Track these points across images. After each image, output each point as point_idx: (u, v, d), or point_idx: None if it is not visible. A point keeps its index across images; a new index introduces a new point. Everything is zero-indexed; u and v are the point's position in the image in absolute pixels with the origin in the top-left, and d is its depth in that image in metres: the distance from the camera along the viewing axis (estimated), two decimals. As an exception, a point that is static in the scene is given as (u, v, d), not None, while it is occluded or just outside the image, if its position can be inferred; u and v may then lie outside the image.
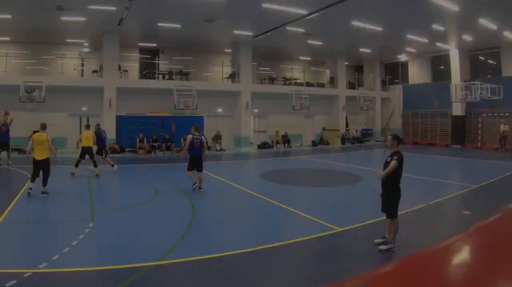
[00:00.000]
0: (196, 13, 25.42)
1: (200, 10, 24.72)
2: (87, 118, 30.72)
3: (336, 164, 26.46)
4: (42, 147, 14.40)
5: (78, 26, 28.46)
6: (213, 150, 32.56)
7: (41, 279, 7.43)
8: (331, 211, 13.54)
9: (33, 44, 32.39)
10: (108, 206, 13.78)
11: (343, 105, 39.98)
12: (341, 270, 8.08)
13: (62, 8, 23.91)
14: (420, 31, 30.45)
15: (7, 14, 25.15)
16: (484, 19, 25.87)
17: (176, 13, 25.62)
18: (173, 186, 17.34)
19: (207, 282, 7.68)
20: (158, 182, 18.21)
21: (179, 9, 24.49)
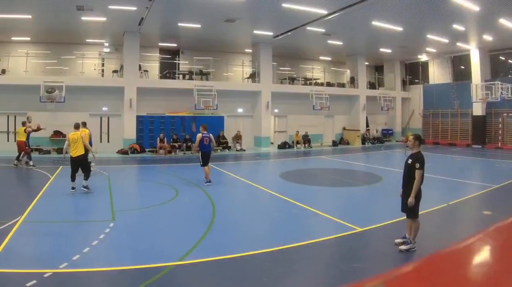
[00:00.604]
0: (216, 13, 25.24)
1: (220, 10, 24.55)
2: (108, 118, 30.82)
3: (357, 164, 26.09)
4: (77, 145, 15.23)
5: (98, 26, 28.42)
6: (233, 150, 32.45)
7: (61, 279, 7.38)
8: (351, 211, 13.32)
9: (53, 44, 32.41)
10: (129, 206, 13.57)
11: (364, 105, 39.57)
12: (362, 270, 8.00)
13: (83, 8, 23.81)
14: (440, 31, 29.94)
15: (27, 14, 25.09)
16: (504, 19, 25.39)
17: (196, 13, 25.38)
18: (194, 186, 17.11)
19: (227, 283, 7.57)
20: (178, 182, 18.12)
21: (199, 9, 24.26)
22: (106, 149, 30.23)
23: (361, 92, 39.77)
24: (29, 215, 11.63)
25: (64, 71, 31.80)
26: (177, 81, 32.59)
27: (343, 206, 14.35)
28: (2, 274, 7.45)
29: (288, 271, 8.00)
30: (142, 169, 23.71)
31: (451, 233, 10.70)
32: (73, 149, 15.18)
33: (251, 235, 10.65)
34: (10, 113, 29.95)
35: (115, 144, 30.71)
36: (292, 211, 12.90)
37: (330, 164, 25.91)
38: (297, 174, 21.45)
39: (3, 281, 7.23)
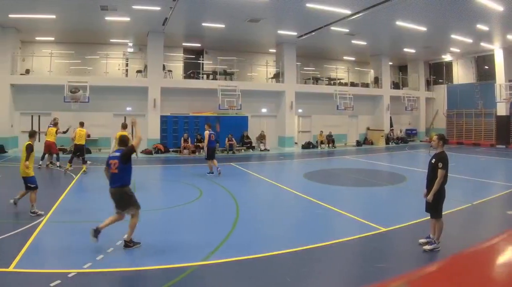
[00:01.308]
0: (240, 13, 25.14)
1: (244, 10, 24.45)
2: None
3: (381, 164, 25.82)
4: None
5: (122, 26, 28.39)
6: (257, 150, 32.20)
7: (85, 279, 7.38)
8: (375, 210, 13.19)
9: (77, 44, 32.48)
10: (153, 206, 13.36)
11: (388, 105, 39.12)
12: (385, 270, 7.94)
13: (107, 8, 23.75)
14: (464, 31, 29.55)
15: (51, 14, 25.08)
16: (529, 19, 25.07)
17: (220, 13, 25.25)
18: (217, 185, 17.03)
19: (251, 283, 7.52)
20: (202, 181, 18.00)
21: (223, 9, 24.16)
22: (130, 149, 30.40)
23: (385, 92, 39.34)
24: (53, 215, 11.71)
25: (88, 71, 31.91)
26: (201, 81, 32.37)
27: (367, 206, 14.25)
28: (27, 274, 7.46)
29: (311, 271, 7.96)
30: (166, 169, 23.63)
31: (475, 233, 10.73)
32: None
33: (275, 235, 10.60)
34: (34, 114, 30.04)
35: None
36: (316, 211, 12.87)
37: (354, 164, 25.73)
38: (321, 174, 21.27)
39: (28, 280, 7.26)
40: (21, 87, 29.03)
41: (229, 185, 16.68)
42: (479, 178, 19.61)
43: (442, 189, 8.87)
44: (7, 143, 27.90)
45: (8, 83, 28.14)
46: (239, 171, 22.17)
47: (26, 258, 8.14)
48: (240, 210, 12.72)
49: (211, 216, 12.41)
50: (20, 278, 7.30)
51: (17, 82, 28.78)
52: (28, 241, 9.20)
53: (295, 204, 14.38)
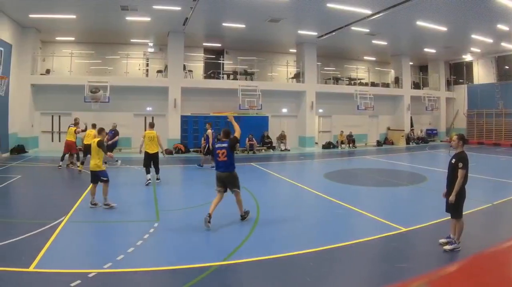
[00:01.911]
0: (261, 13, 25.05)
1: (264, 10, 24.39)
2: (152, 118, 30.82)
3: (401, 164, 25.62)
4: (153, 142, 16.96)
5: (142, 26, 28.37)
6: (278, 150, 32.04)
7: (105, 279, 7.38)
8: (396, 210, 13.15)
9: (98, 44, 32.60)
10: (173, 206, 13.56)
11: (408, 105, 38.86)
12: (406, 270, 7.92)
13: (127, 8, 23.74)
14: (484, 31, 29.30)
15: (72, 14, 25.13)
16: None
17: (241, 13, 25.20)
18: None
19: (272, 282, 7.49)
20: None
21: (243, 9, 24.11)
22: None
23: (406, 92, 39.06)
24: (73, 215, 11.70)
25: (108, 71, 31.90)
26: (221, 81, 32.33)
27: (387, 206, 14.18)
28: (47, 274, 7.47)
29: (332, 271, 8.00)
30: (187, 169, 23.53)
31: (495, 233, 10.66)
32: (149, 146, 16.82)
33: (295, 234, 10.59)
34: (54, 114, 30.16)
35: (159, 144, 30.68)
36: (337, 211, 12.84)
37: (374, 164, 25.57)
38: (342, 174, 21.21)
39: (48, 281, 7.25)
40: (41, 87, 29.08)
41: (249, 185, 16.32)
42: (499, 178, 19.42)
43: (462, 189, 8.85)
44: (28, 143, 27.87)
45: (28, 83, 28.19)
46: (260, 171, 22.07)
47: (46, 258, 8.17)
48: (260, 210, 12.72)
49: (232, 216, 12.11)
50: (40, 278, 7.33)
51: (37, 82, 28.83)
52: (49, 241, 9.23)
53: (315, 204, 14.36)
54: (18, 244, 9.00)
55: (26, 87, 28.08)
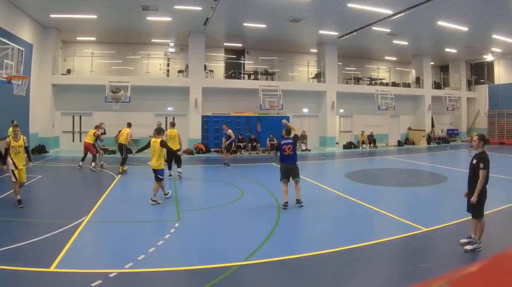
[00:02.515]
0: (282, 13, 25.05)
1: (285, 10, 24.39)
2: (173, 118, 30.92)
3: (422, 164, 25.48)
4: (174, 140, 17.95)
5: (163, 26, 28.47)
6: (299, 150, 32.02)
7: (126, 279, 7.40)
8: (416, 210, 13.09)
9: (119, 44, 32.76)
10: (194, 206, 13.58)
11: (429, 105, 38.66)
12: (427, 270, 7.85)
13: (148, 8, 23.81)
14: (506, 31, 29.01)
15: (92, 14, 25.27)
16: None
17: (262, 13, 25.19)
18: (259, 186, 17.09)
19: (293, 282, 7.47)
20: (243, 182, 18.06)
21: (264, 9, 24.12)
22: (171, 149, 30.59)
23: (427, 92, 38.83)
24: (94, 215, 11.77)
25: (129, 71, 32.00)
26: (242, 81, 32.36)
27: (408, 205, 14.16)
28: (68, 274, 7.50)
29: (353, 271, 7.98)
30: (208, 169, 23.64)
31: None
32: (171, 144, 17.07)
33: (316, 234, 10.64)
34: (75, 114, 30.33)
35: (180, 143, 30.80)
36: (358, 211, 12.84)
37: (395, 164, 25.45)
38: (362, 174, 21.23)
39: (69, 280, 7.29)
40: (62, 87, 29.29)
41: (270, 185, 16.74)
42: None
43: (483, 189, 8.82)
44: (48, 143, 28.04)
45: (49, 83, 28.40)
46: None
47: (67, 258, 8.21)
48: (281, 210, 12.74)
49: (253, 216, 12.44)
50: (61, 278, 7.36)
51: (58, 82, 29.02)
52: (69, 241, 9.27)
53: (336, 204, 14.31)
54: (39, 244, 9.07)
55: (47, 87, 28.29)
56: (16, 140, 12.42)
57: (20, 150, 12.39)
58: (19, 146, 12.39)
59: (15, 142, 12.41)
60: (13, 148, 12.34)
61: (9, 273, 7.30)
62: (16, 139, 12.45)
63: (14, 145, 12.38)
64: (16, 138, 12.47)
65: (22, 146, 12.49)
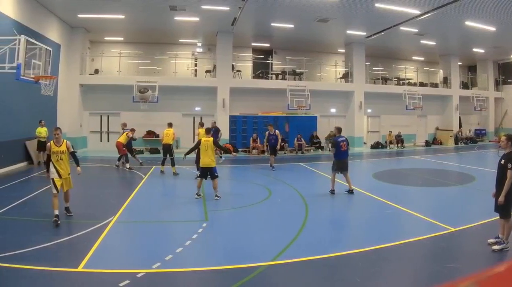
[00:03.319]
0: (309, 13, 25.08)
1: (313, 10, 24.42)
2: (201, 118, 31.11)
3: (450, 164, 25.33)
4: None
5: (191, 26, 28.58)
6: (326, 150, 31.89)
7: (154, 279, 7.42)
8: (444, 210, 12.98)
9: (146, 44, 32.93)
10: (222, 206, 13.53)
11: (457, 105, 38.41)
12: (454, 270, 7.83)
13: (176, 8, 23.95)
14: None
15: (120, 14, 25.47)
16: None
17: (289, 13, 25.23)
18: (287, 186, 17.06)
19: (320, 282, 7.48)
20: (271, 182, 18.02)
21: (292, 9, 24.14)
22: (198, 149, 30.73)
23: (454, 92, 38.59)
24: (122, 215, 11.84)
25: (157, 71, 32.18)
26: (270, 81, 32.39)
27: (436, 205, 14.04)
28: (96, 274, 7.56)
29: (381, 271, 7.95)
30: (235, 169, 23.71)
31: None
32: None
33: (344, 234, 10.83)
34: (103, 114, 30.62)
35: (208, 144, 30.89)
36: (385, 211, 12.85)
37: (423, 164, 25.44)
38: (390, 174, 21.22)
39: (97, 280, 7.36)
40: (90, 87, 29.60)
41: (298, 185, 16.80)
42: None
43: (511, 190, 8.76)
44: (76, 143, 27.62)
45: (77, 83, 28.70)
46: (308, 171, 22.26)
47: (95, 258, 8.26)
48: (309, 210, 12.74)
49: (280, 216, 12.48)
50: (89, 278, 7.42)
51: (86, 82, 29.34)
52: (97, 241, 9.34)
53: (363, 204, 14.35)
54: (67, 244, 9.19)
55: (75, 87, 28.60)
56: (58, 146, 11.09)
57: (63, 156, 11.11)
58: (61, 152, 11.09)
59: (56, 147, 11.09)
60: (54, 154, 11.06)
61: (37, 273, 7.39)
62: (58, 144, 11.11)
63: (56, 150, 11.10)
64: (58, 143, 11.12)
65: (65, 152, 11.17)
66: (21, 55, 14.47)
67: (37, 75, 15.81)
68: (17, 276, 7.26)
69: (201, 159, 14.25)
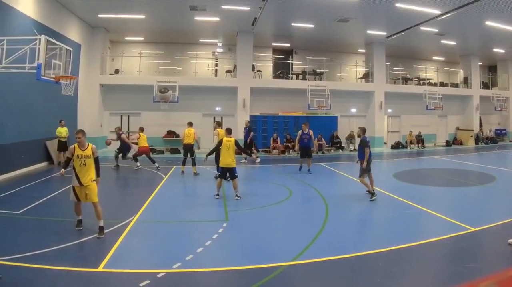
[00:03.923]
0: (330, 13, 25.15)
1: (333, 10, 24.48)
2: (221, 118, 31.32)
3: (470, 164, 25.28)
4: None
5: (211, 26, 28.70)
6: (347, 150, 32.04)
7: (174, 279, 7.44)
8: (464, 210, 13.01)
9: (167, 44, 33.15)
10: (242, 206, 13.48)
11: (477, 105, 38.24)
12: (475, 270, 7.79)
13: (196, 8, 24.07)
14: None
15: (141, 14, 25.64)
16: None
17: (310, 13, 25.31)
18: (307, 186, 17.01)
19: (341, 282, 7.54)
20: (291, 182, 17.99)
21: (312, 9, 24.22)
22: (219, 149, 30.88)
23: (475, 92, 38.40)
24: (142, 215, 11.90)
25: (177, 71, 32.32)
26: (290, 81, 32.38)
27: (456, 205, 14.07)
28: (116, 274, 7.61)
29: (402, 271, 7.98)
30: (255, 169, 23.63)
31: None
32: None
33: (365, 234, 10.80)
34: (123, 114, 30.82)
35: (228, 144, 31.03)
36: (405, 211, 12.83)
37: (443, 164, 25.34)
38: (410, 174, 21.22)
39: (117, 280, 7.41)
40: (110, 87, 29.83)
41: (318, 185, 16.84)
42: None
43: None
44: (97, 143, 27.21)
45: (97, 83, 28.93)
46: (329, 171, 22.19)
47: (115, 258, 8.33)
48: (329, 210, 12.76)
49: (301, 216, 12.51)
50: (109, 278, 7.48)
51: (106, 82, 29.57)
52: (118, 241, 9.40)
53: (384, 204, 14.21)
54: (87, 244, 9.24)
55: (95, 87, 28.81)
56: (83, 149, 9.91)
57: (87, 161, 9.96)
58: (86, 156, 9.93)
59: (81, 151, 9.92)
60: (78, 158, 9.90)
61: (58, 273, 7.46)
62: (82, 147, 9.92)
63: (80, 154, 9.93)
64: (82, 146, 9.92)
65: (91, 156, 9.98)
66: (42, 55, 14.45)
67: (57, 75, 15.69)
68: (38, 276, 7.36)
69: (222, 159, 14.25)
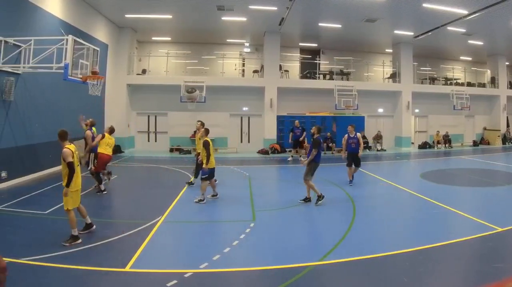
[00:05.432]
0: (357, 13, 25.21)
1: (361, 10, 24.54)
2: (248, 118, 31.80)
3: (497, 164, 25.28)
4: None
5: (238, 26, 28.90)
6: (374, 150, 32.07)
7: (201, 279, 7.53)
8: (491, 210, 13.03)
9: (194, 44, 33.42)
10: (269, 206, 13.56)
11: (504, 105, 38.02)
12: (502, 270, 7.89)
13: (223, 8, 24.25)
14: None
15: (168, 14, 25.89)
16: None
17: (337, 13, 25.38)
18: (334, 186, 17.11)
19: (368, 282, 7.58)
20: (319, 181, 17.44)
21: (340, 9, 24.30)
22: (246, 149, 31.06)
23: (502, 92, 38.17)
24: (169, 215, 12.05)
25: (204, 71, 32.62)
26: (317, 81, 32.47)
27: (483, 205, 14.17)
28: (143, 274, 7.77)
29: (428, 271, 7.95)
30: (283, 169, 23.88)
31: None
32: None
33: (392, 234, 10.76)
34: (150, 114, 31.21)
35: (255, 144, 31.27)
36: (432, 211, 12.89)
37: (470, 164, 25.39)
38: (437, 174, 21.16)
39: (144, 280, 7.57)
40: (137, 87, 30.18)
41: (345, 185, 17.11)
42: None
43: None
44: (124, 143, 28.72)
45: (124, 83, 29.25)
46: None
47: (142, 258, 8.46)
48: (356, 210, 12.93)
49: (328, 216, 12.56)
50: (137, 278, 7.61)
51: (133, 82, 29.89)
52: (145, 241, 9.53)
53: (411, 204, 14.48)
54: (114, 244, 9.41)
55: (122, 87, 29.15)
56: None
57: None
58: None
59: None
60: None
61: (85, 273, 7.63)
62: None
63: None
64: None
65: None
66: (69, 55, 14.66)
67: (84, 75, 15.72)
68: (65, 276, 7.53)
69: (212, 160, 13.90)
